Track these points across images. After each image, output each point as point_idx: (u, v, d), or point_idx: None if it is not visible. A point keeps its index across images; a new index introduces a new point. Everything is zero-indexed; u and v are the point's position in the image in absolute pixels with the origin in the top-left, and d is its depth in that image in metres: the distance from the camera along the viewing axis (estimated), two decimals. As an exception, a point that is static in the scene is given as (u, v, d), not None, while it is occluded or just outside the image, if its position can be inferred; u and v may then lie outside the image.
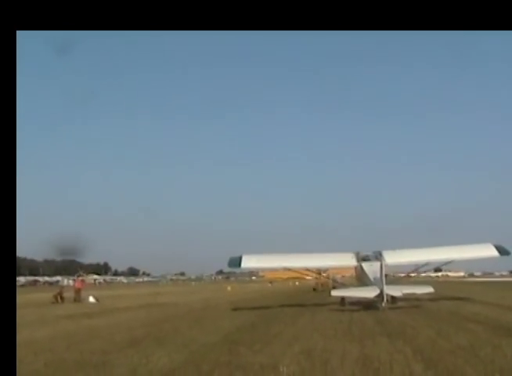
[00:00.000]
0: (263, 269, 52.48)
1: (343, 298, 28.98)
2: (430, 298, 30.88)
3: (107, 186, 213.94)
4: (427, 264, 31.92)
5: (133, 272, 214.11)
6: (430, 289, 28.34)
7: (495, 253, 30.05)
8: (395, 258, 30.12)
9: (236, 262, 31.68)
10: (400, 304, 26.26)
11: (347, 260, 31.43)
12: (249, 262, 32.15)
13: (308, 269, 35.41)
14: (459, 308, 25.27)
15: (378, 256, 29.79)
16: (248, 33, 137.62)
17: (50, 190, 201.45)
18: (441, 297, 33.35)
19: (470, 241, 32.32)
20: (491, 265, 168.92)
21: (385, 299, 25.50)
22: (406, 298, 27.53)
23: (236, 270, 45.17)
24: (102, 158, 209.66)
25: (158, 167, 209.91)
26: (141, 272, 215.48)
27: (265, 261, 34.10)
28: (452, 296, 36.18)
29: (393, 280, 32.07)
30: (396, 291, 26.83)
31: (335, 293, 29.54)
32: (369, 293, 26.89)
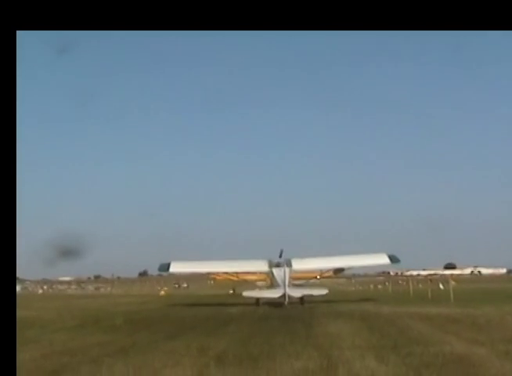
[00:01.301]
0: (189, 274, 59.29)
1: (257, 299, 34.05)
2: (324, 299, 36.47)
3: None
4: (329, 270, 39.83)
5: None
6: (325, 291, 35.13)
7: (387, 261, 36.41)
8: (301, 265, 36.16)
9: (165, 267, 36.87)
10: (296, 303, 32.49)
11: (261, 266, 36.33)
12: (176, 268, 37.67)
13: (227, 273, 40.77)
14: (331, 306, 31.94)
15: (288, 263, 34.81)
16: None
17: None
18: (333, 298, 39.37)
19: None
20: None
21: (287, 299, 31.25)
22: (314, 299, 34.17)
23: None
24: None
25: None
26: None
27: (190, 266, 40.06)
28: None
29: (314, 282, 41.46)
30: (297, 293, 33.12)
31: (246, 293, 35.78)
32: (275, 294, 32.64)
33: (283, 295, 31.76)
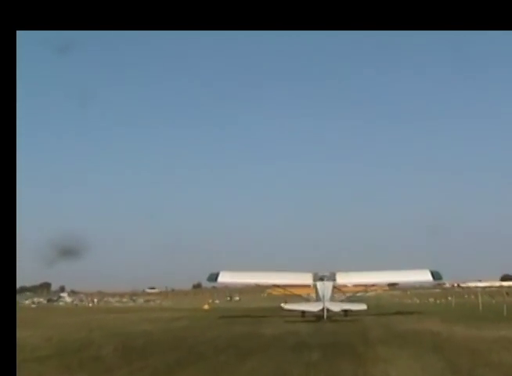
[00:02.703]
0: (236, 284, 59.75)
1: (303, 312, 34.49)
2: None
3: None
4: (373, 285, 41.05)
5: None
6: (364, 306, 34.47)
7: (429, 277, 37.60)
8: (346, 279, 37.33)
9: (214, 277, 37.94)
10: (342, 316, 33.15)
11: (306, 279, 36.98)
12: (224, 278, 38.68)
13: (275, 285, 41.79)
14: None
15: (332, 277, 36.07)
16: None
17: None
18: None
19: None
20: None
21: (325, 312, 31.43)
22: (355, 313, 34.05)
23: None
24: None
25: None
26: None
27: (238, 277, 40.54)
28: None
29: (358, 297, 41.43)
30: (336, 307, 33.38)
31: (286, 306, 36.52)
32: (315, 307, 33.17)
33: (323, 309, 32.02)
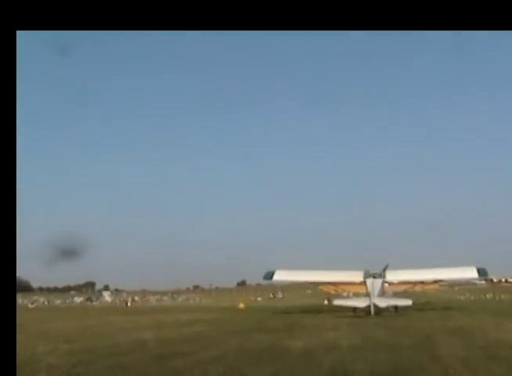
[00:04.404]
0: (290, 282, 60.15)
1: (354, 308, 35.58)
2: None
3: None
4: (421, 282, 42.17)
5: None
6: (409, 302, 35.87)
7: (475, 274, 39.26)
8: (394, 276, 39.20)
9: (270, 275, 40.68)
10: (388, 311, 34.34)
11: (357, 276, 38.84)
12: (280, 276, 41.15)
13: (328, 283, 43.62)
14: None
15: (382, 274, 38.32)
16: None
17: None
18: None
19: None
20: None
21: (372, 308, 33.08)
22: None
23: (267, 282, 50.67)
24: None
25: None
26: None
27: (293, 275, 42.93)
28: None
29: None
30: (383, 303, 34.81)
31: (337, 302, 38.72)
32: (362, 303, 35.00)
33: (370, 305, 33.73)
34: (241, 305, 63.97)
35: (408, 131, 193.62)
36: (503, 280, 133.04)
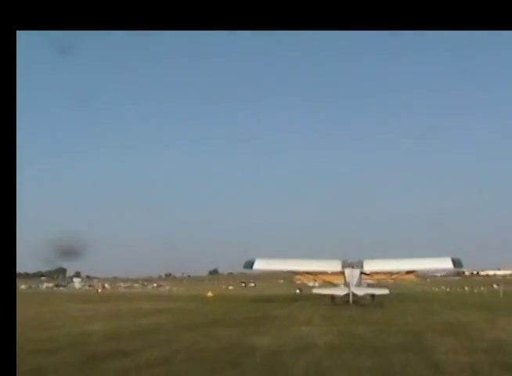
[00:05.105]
0: (270, 271, 61.78)
1: (332, 297, 36.40)
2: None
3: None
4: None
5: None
6: (386, 291, 37.48)
7: (450, 265, 39.90)
8: (372, 266, 39.68)
9: (250, 264, 40.35)
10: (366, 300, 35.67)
11: (335, 266, 39.69)
12: (260, 265, 40.95)
13: (307, 272, 44.65)
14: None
15: (359, 264, 39.14)
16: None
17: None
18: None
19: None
20: None
21: (351, 296, 33.73)
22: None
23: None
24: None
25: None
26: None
27: (273, 264, 42.84)
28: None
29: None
30: (360, 292, 35.70)
31: (315, 291, 40.45)
32: (340, 292, 35.85)
33: (348, 293, 34.42)
34: (209, 294, 62.23)
35: (401, 129, 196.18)
36: (475, 272, 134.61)
